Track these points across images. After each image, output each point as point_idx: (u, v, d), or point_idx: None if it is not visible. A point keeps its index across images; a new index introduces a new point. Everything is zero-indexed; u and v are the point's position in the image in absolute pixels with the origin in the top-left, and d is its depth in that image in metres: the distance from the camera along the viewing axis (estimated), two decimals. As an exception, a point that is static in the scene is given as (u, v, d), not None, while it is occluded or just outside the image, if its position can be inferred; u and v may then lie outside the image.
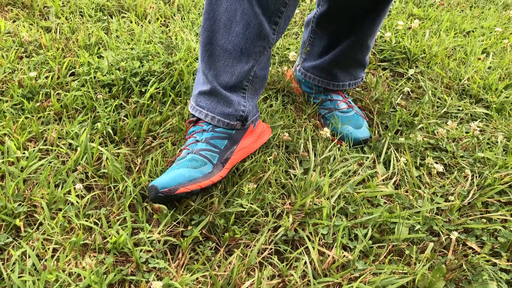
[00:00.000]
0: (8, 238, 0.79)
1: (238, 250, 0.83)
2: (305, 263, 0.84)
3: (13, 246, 0.79)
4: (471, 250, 0.95)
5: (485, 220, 1.00)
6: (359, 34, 1.16)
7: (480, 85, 1.49)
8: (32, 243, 0.79)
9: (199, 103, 0.99)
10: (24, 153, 0.94)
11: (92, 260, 0.68)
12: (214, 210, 0.89)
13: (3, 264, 0.76)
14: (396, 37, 1.68)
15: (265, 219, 0.92)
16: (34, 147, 0.97)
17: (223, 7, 0.90)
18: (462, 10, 2.13)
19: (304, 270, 0.84)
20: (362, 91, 1.42)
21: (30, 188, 0.89)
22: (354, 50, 1.19)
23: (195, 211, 0.89)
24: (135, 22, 1.53)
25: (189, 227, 0.85)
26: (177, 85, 1.22)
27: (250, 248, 0.86)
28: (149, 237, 0.82)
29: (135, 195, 0.90)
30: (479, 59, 1.62)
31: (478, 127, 1.29)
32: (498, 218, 1.02)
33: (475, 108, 1.40)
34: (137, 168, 0.98)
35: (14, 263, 0.75)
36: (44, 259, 0.76)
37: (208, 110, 0.98)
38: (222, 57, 0.94)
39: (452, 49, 1.72)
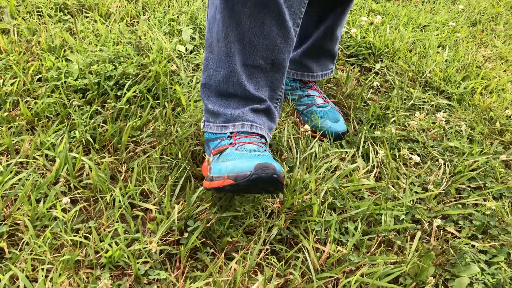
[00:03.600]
0: (-8, 261, 0.73)
1: (239, 255, 0.82)
2: (303, 260, 0.85)
3: (-1, 269, 0.73)
4: (450, 234, 1.00)
5: (460, 206, 1.06)
6: (328, 26, 1.20)
7: (441, 78, 1.57)
8: (20, 264, 0.74)
9: (254, 120, 0.92)
10: (-2, 168, 0.87)
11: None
12: (209, 215, 0.88)
13: (-10, 289, 0.70)
14: (360, 32, 1.73)
15: (258, 220, 0.92)
16: (7, 161, 0.91)
17: (246, 24, 0.84)
18: (415, 5, 2.24)
19: (301, 267, 0.85)
20: (333, 87, 1.45)
21: (7, 206, 0.83)
22: (324, 41, 1.23)
23: (188, 217, 0.87)
24: (100, 22, 1.46)
25: (186, 234, 0.84)
26: (153, 88, 1.19)
27: (247, 250, 0.86)
28: (144, 248, 0.80)
29: (125, 205, 0.87)
30: (438, 52, 1.71)
31: (443, 117, 1.37)
32: (469, 203, 1.09)
33: (438, 100, 1.48)
34: (122, 176, 0.94)
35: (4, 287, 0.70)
36: (38, 282, 0.71)
37: (263, 126, 0.93)
38: (254, 74, 0.89)
39: (412, 43, 1.80)
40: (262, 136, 0.93)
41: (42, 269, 0.72)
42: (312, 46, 1.22)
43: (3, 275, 0.70)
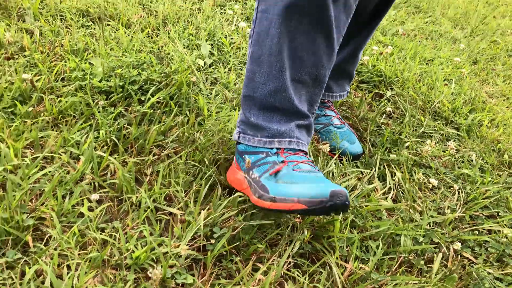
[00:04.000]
0: (16, 254, 0.70)
1: (265, 265, 0.81)
2: (327, 276, 0.84)
3: (22, 263, 0.70)
4: (467, 260, 1.01)
5: (477, 232, 1.07)
6: (352, 47, 1.23)
7: (449, 109, 1.61)
8: (45, 259, 0.71)
9: (300, 137, 0.92)
10: (23, 161, 0.85)
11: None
12: (235, 223, 0.86)
13: (14, 283, 0.67)
14: (372, 60, 1.78)
15: (282, 232, 0.91)
16: (32, 155, 0.89)
17: (299, 41, 0.86)
18: (420, 41, 2.32)
19: (325, 283, 0.84)
20: (347, 110, 1.48)
21: (32, 200, 0.80)
22: (348, 62, 1.27)
23: (214, 224, 0.86)
24: (123, 31, 1.47)
25: (212, 241, 0.82)
26: (175, 96, 1.19)
27: (272, 262, 0.84)
28: (171, 251, 0.78)
29: (150, 208, 0.85)
30: (446, 84, 1.76)
31: (454, 146, 1.40)
32: (483, 230, 1.10)
33: (447, 129, 1.52)
34: (147, 178, 0.93)
35: (28, 282, 0.67)
36: (63, 280, 0.68)
37: (306, 142, 0.94)
38: (298, 89, 0.90)
39: (420, 75, 1.85)
40: (305, 153, 0.94)
41: (68, 265, 0.70)
42: (336, 67, 1.24)
43: (29, 268, 0.67)
